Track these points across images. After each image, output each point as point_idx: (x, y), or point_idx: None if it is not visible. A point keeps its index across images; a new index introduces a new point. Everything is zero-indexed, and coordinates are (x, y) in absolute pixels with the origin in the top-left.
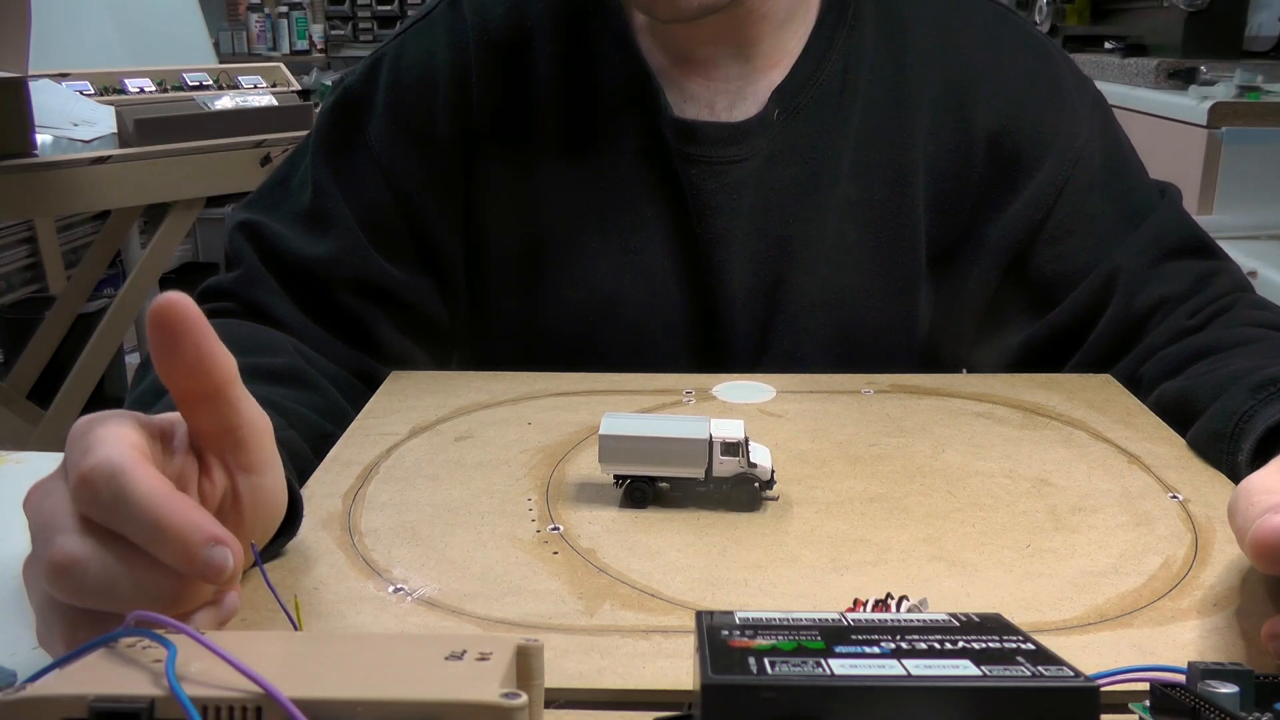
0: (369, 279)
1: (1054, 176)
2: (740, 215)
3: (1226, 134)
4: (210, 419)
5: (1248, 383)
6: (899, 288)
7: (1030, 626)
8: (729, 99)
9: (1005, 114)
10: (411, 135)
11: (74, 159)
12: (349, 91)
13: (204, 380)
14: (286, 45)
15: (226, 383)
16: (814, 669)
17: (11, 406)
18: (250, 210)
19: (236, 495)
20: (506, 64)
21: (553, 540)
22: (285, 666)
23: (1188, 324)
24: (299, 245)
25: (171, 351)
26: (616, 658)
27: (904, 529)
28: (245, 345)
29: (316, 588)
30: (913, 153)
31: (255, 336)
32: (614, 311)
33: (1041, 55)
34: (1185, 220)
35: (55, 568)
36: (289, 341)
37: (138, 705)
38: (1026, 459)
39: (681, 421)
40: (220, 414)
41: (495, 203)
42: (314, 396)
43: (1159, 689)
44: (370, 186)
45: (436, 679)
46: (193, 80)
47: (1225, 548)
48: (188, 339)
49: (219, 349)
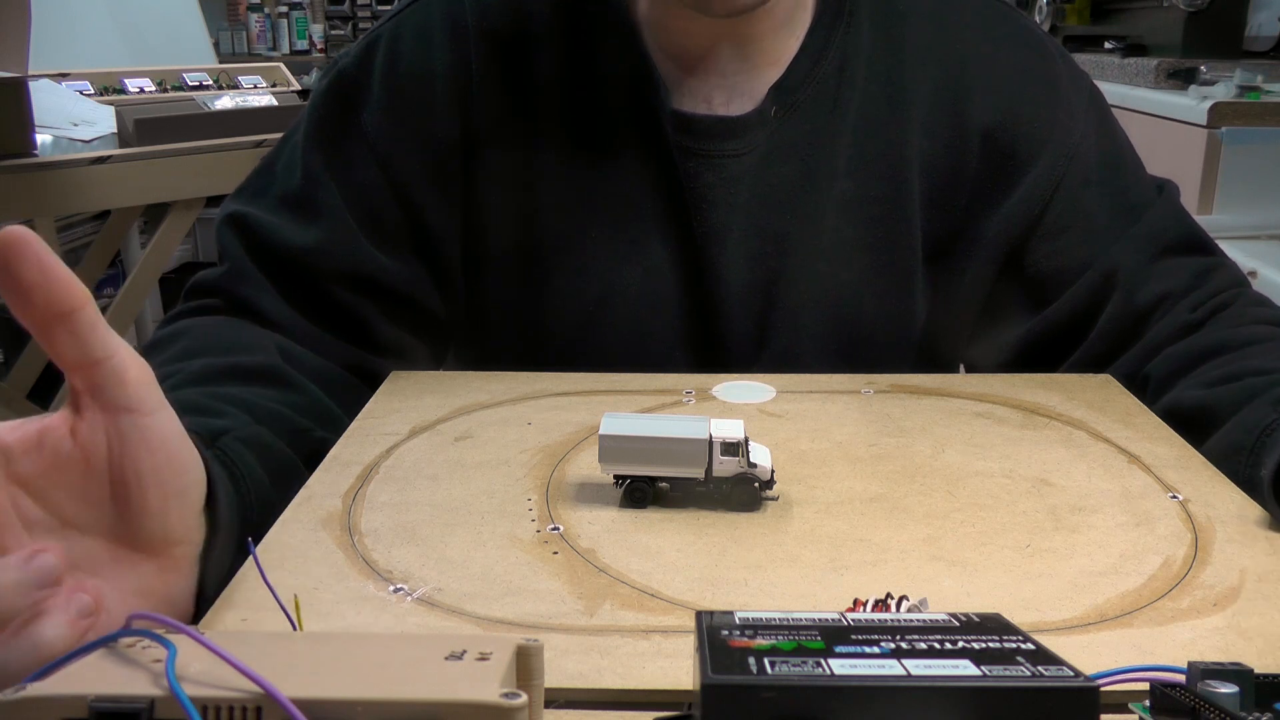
0: (360, 269)
1: (1050, 172)
2: (737, 210)
3: (1226, 134)
4: (72, 345)
5: (1269, 396)
6: (896, 283)
7: (1030, 626)
8: (726, 94)
9: (1001, 109)
10: (408, 124)
11: (74, 159)
12: (343, 74)
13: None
14: (286, 45)
15: (79, 304)
16: (814, 669)
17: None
18: (237, 200)
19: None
20: (505, 52)
21: (553, 540)
22: (285, 666)
23: (1189, 318)
24: (287, 234)
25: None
26: (616, 658)
27: (904, 529)
28: (218, 346)
29: (316, 588)
30: (909, 149)
31: (233, 336)
32: (612, 303)
33: (1037, 51)
34: (1183, 217)
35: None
36: (270, 339)
37: (137, 705)
38: (1026, 459)
39: (681, 421)
40: (82, 338)
41: (493, 192)
42: (289, 394)
43: (1159, 689)
44: (364, 172)
45: (436, 679)
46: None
47: (1225, 548)
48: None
49: (65, 272)
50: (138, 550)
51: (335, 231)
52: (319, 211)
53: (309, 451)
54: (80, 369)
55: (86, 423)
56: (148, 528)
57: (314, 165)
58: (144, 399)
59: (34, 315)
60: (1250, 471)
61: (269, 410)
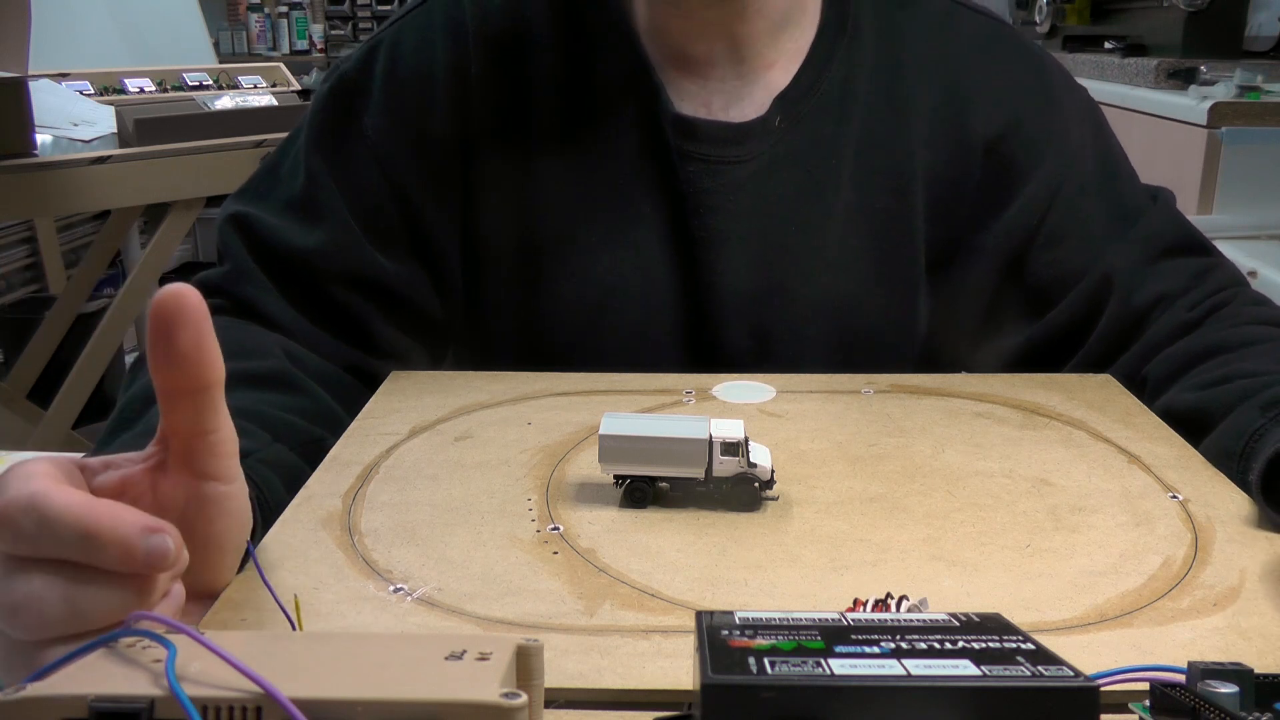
0: (361, 271)
1: (1048, 182)
2: (738, 217)
3: (1226, 134)
4: (191, 417)
5: (1259, 400)
6: (899, 295)
7: (1030, 626)
8: (725, 99)
9: (1001, 121)
10: (409, 127)
11: (74, 159)
12: (345, 79)
13: (197, 374)
14: (286, 45)
15: (215, 381)
16: (814, 669)
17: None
18: (240, 201)
19: (203, 502)
20: (506, 56)
21: (553, 540)
22: (285, 666)
23: (1187, 317)
24: (289, 236)
25: (169, 341)
26: (616, 657)
27: (904, 529)
28: (229, 350)
29: (316, 588)
30: (912, 161)
31: (240, 340)
32: (611, 307)
33: (1034, 64)
34: (1178, 220)
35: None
36: (276, 342)
37: (137, 705)
38: (1026, 459)
39: (681, 421)
40: (201, 413)
41: (493, 195)
42: (301, 400)
43: (1159, 689)
44: (365, 176)
45: (436, 679)
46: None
47: (1225, 548)
48: (189, 330)
49: (215, 346)
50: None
51: (337, 234)
52: (321, 214)
53: (318, 458)
54: (187, 438)
55: (170, 484)
56: (207, 580)
57: (316, 168)
58: (230, 470)
59: (171, 381)
60: (1241, 476)
61: (282, 421)
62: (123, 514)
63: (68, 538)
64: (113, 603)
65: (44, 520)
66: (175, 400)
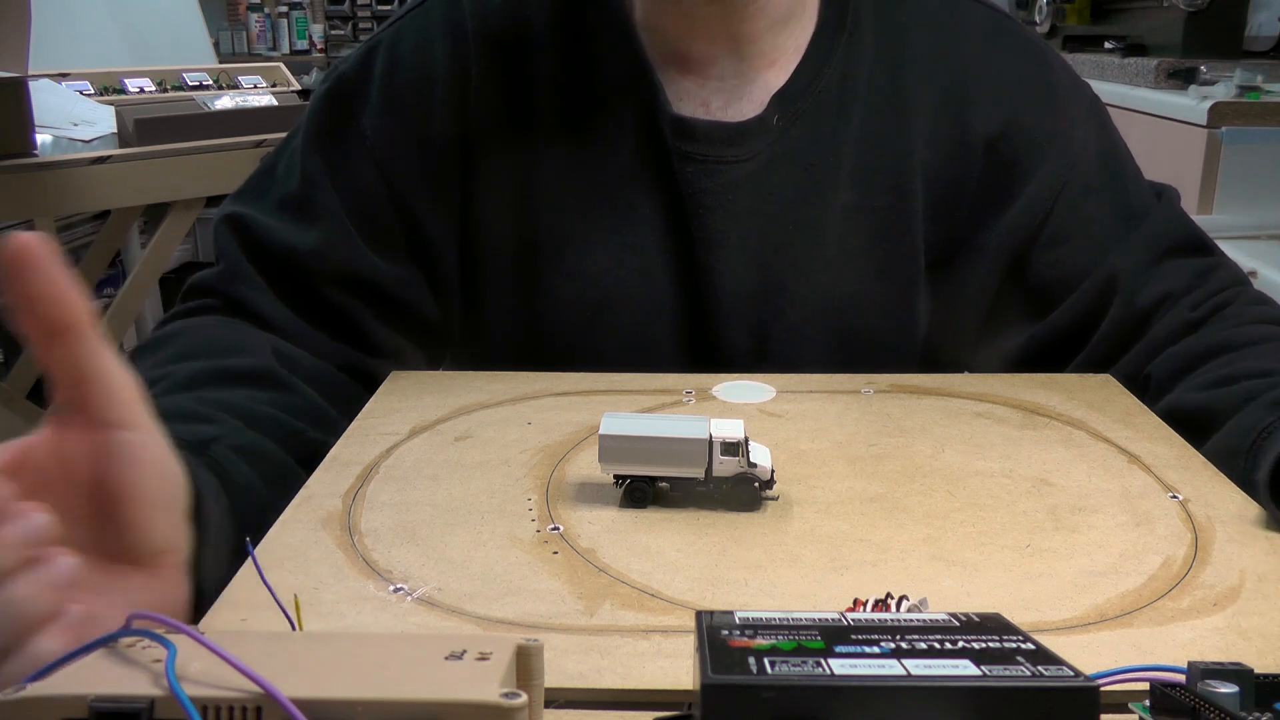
0: (356, 272)
1: (1051, 181)
2: (737, 217)
3: (1226, 134)
4: (67, 360)
5: (1267, 399)
6: (899, 294)
7: (1030, 626)
8: (724, 98)
9: (1002, 119)
10: (407, 127)
11: (74, 159)
12: (343, 79)
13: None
14: (286, 45)
15: (79, 319)
16: (814, 669)
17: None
18: (236, 202)
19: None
20: (505, 57)
21: (552, 540)
22: (285, 666)
23: (1190, 316)
24: (284, 235)
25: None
26: (616, 657)
27: (904, 529)
28: (212, 348)
29: (316, 588)
30: (912, 159)
31: (224, 338)
32: (609, 309)
33: (1037, 60)
34: (1182, 219)
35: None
36: (266, 340)
37: (137, 705)
38: (1026, 459)
39: (681, 421)
40: (77, 355)
41: (491, 196)
42: (285, 396)
43: (1159, 689)
44: (362, 176)
45: (436, 679)
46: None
47: (1225, 547)
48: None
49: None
50: (125, 563)
51: (332, 234)
52: (317, 214)
53: (305, 453)
54: (72, 385)
55: (72, 438)
56: (134, 540)
57: (313, 168)
58: (131, 415)
59: (34, 326)
60: (1247, 475)
61: (262, 414)
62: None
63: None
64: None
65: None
66: (47, 346)
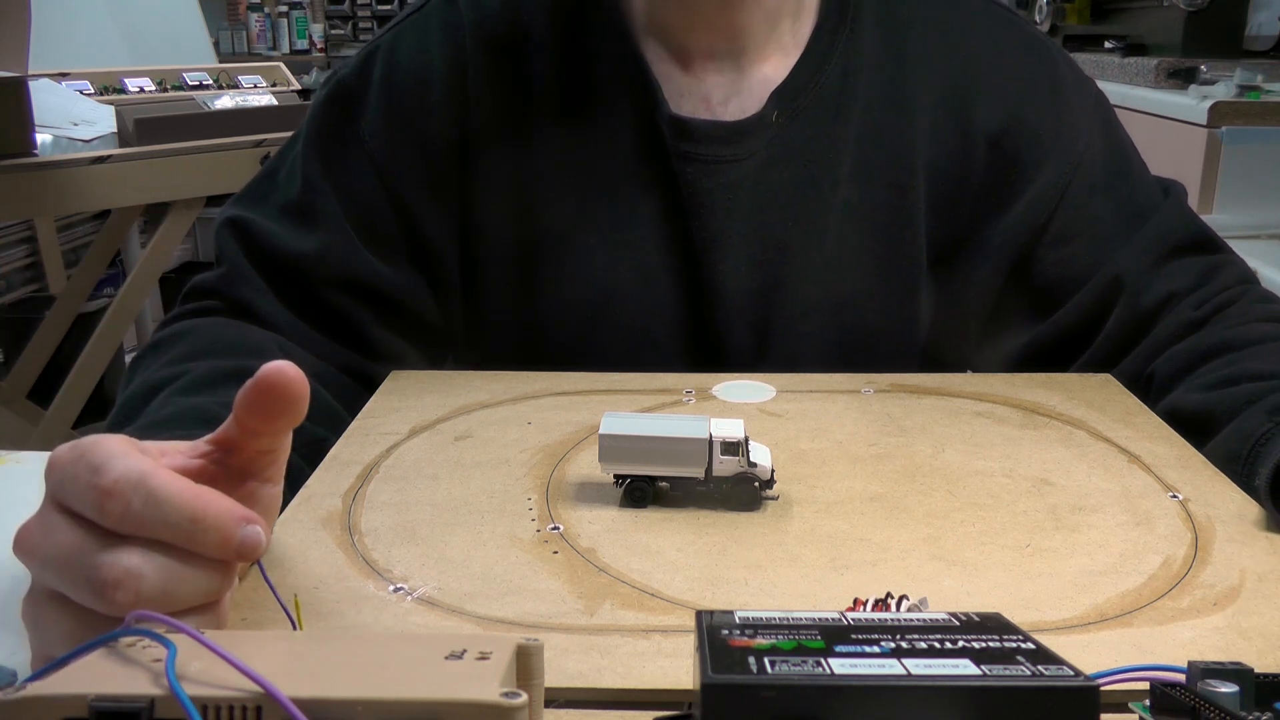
0: (356, 276)
1: (1055, 179)
2: (737, 216)
3: (1226, 133)
4: (266, 446)
5: (1266, 404)
6: (900, 292)
7: (1030, 626)
8: (724, 94)
9: (1006, 115)
10: (406, 131)
11: (74, 159)
12: (342, 84)
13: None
14: (286, 45)
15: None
16: (814, 668)
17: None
18: (238, 206)
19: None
20: (503, 59)
21: (553, 540)
22: (285, 666)
23: (1193, 315)
24: (285, 240)
25: (274, 412)
26: (616, 657)
27: (904, 528)
28: (223, 346)
29: (316, 588)
30: (913, 155)
31: (234, 336)
32: (610, 309)
33: (1042, 57)
34: (1188, 217)
35: (112, 584)
36: (271, 339)
37: (137, 705)
38: (1026, 458)
39: (681, 421)
40: (276, 442)
41: (491, 198)
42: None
43: (1159, 688)
44: (362, 181)
45: (436, 678)
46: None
47: (1225, 547)
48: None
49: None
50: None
51: (333, 239)
52: (317, 219)
53: (318, 456)
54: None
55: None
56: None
57: (313, 173)
58: (280, 473)
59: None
60: (1246, 480)
61: None
62: (223, 502)
63: (176, 520)
64: (201, 586)
65: (153, 500)
66: (257, 438)
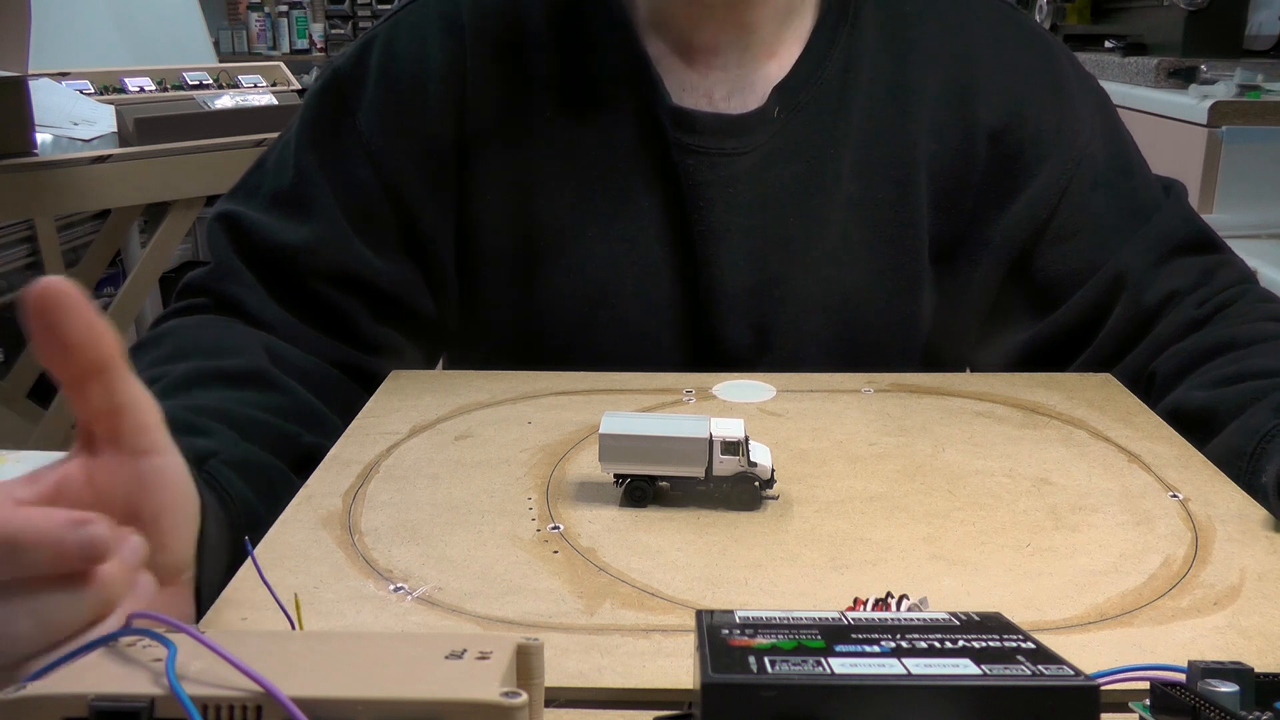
0: (350, 269)
1: (1057, 176)
2: (737, 210)
3: (1226, 133)
4: (103, 397)
5: (1271, 401)
6: (902, 288)
7: (1030, 625)
8: (727, 88)
9: (1008, 112)
10: (403, 122)
11: (74, 158)
12: (338, 73)
13: (95, 356)
14: (286, 44)
15: (113, 356)
16: (814, 668)
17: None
18: (229, 199)
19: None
20: (502, 51)
21: (553, 539)
22: (285, 665)
23: (1195, 314)
24: (275, 232)
25: (57, 332)
26: (616, 657)
27: (904, 528)
28: (204, 348)
29: (316, 587)
30: (916, 151)
31: (216, 337)
32: (608, 302)
33: (1045, 53)
34: (1190, 216)
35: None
36: (257, 339)
37: (138, 704)
38: (1026, 458)
39: (681, 421)
40: (111, 390)
41: (489, 191)
42: (275, 397)
43: (1159, 688)
44: (357, 172)
45: (436, 678)
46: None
47: (1225, 547)
48: (73, 315)
49: (103, 324)
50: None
51: (326, 230)
52: (310, 210)
53: (298, 456)
54: (105, 418)
55: (104, 467)
56: (162, 561)
57: (307, 164)
58: (159, 442)
59: (66, 368)
60: (1250, 478)
61: (254, 419)
62: (43, 515)
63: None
64: (76, 608)
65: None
66: (81, 386)
